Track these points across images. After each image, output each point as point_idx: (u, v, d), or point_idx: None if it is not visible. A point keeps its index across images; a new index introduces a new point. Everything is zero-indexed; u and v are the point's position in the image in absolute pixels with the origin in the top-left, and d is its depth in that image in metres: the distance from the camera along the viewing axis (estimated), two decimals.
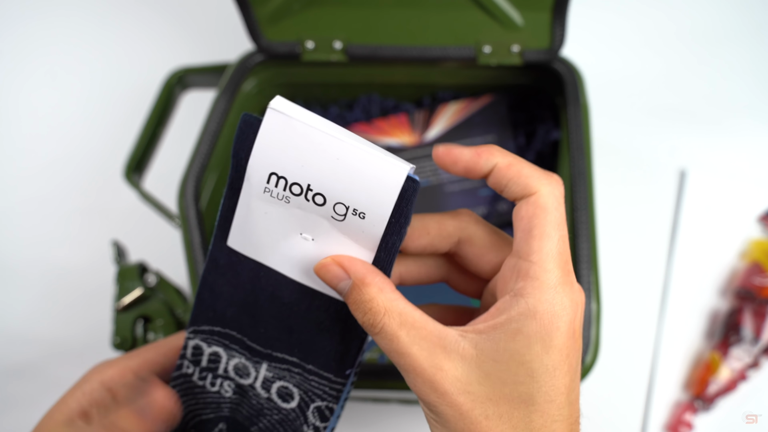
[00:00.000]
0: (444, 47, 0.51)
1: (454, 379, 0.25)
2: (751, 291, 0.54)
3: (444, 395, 0.25)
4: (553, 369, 0.25)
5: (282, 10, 0.50)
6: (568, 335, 0.26)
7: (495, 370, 0.25)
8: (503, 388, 0.25)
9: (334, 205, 0.26)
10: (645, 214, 0.60)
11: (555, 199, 0.27)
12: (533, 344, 0.25)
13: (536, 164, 0.55)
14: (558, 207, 0.27)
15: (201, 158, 0.48)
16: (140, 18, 0.71)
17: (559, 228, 0.26)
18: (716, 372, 0.52)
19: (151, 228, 0.58)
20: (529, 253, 0.26)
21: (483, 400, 0.25)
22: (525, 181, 0.27)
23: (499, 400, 0.25)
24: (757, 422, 0.52)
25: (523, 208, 0.27)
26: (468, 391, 0.25)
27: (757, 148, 0.62)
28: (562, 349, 0.26)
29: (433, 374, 0.25)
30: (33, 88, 0.69)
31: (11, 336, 0.59)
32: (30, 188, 0.64)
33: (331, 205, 0.26)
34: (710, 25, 0.69)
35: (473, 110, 0.57)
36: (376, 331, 0.26)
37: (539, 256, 0.26)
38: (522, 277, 0.26)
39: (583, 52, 0.56)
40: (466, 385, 0.25)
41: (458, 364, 0.25)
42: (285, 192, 0.27)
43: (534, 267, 0.26)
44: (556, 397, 0.25)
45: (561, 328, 0.25)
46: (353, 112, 0.58)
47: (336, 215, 0.27)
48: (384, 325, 0.26)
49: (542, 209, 0.26)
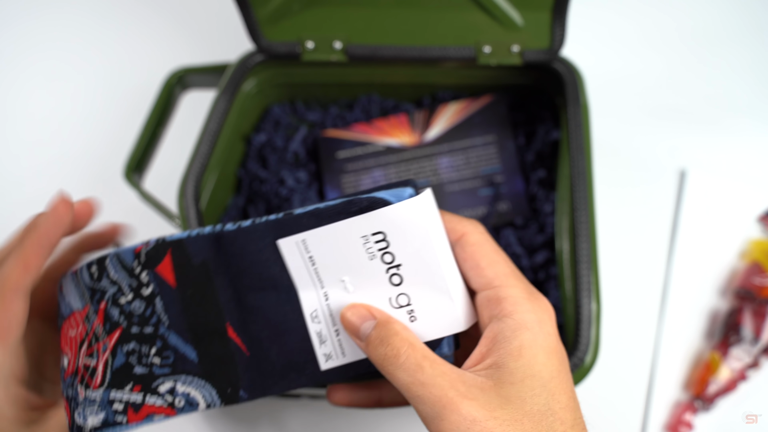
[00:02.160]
0: (444, 47, 0.51)
1: (480, 407, 0.26)
2: (751, 291, 0.54)
3: (475, 422, 0.25)
4: (558, 373, 0.27)
5: (282, 10, 0.50)
6: (556, 338, 0.28)
7: (513, 392, 0.26)
8: (524, 406, 0.26)
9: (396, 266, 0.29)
10: (645, 214, 0.60)
11: (481, 234, 0.30)
12: (537, 354, 0.27)
13: (536, 164, 0.55)
14: (487, 239, 0.30)
15: (201, 158, 0.48)
16: (140, 18, 0.71)
17: (498, 253, 0.30)
18: (716, 372, 0.52)
19: (151, 228, 0.58)
20: (489, 282, 0.29)
21: (509, 422, 0.26)
22: (450, 227, 0.30)
23: (522, 418, 0.26)
24: (757, 422, 0.52)
25: (460, 251, 0.30)
26: (495, 417, 0.26)
27: (757, 148, 0.62)
28: (558, 351, 0.27)
29: (460, 402, 0.26)
30: (33, 89, 0.69)
31: None
32: (30, 188, 0.64)
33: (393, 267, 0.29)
34: (710, 25, 0.69)
35: (473, 110, 0.57)
36: (399, 361, 0.27)
37: (499, 279, 0.29)
38: (495, 302, 0.28)
39: (583, 53, 0.56)
40: (491, 412, 0.26)
41: (479, 394, 0.26)
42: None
43: (500, 289, 0.28)
44: (568, 402, 0.27)
45: (550, 332, 0.27)
46: (353, 112, 0.59)
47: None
48: (408, 356, 0.27)
49: (477, 244, 0.29)
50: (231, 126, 0.53)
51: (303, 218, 0.29)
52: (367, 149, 0.57)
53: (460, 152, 0.56)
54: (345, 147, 0.57)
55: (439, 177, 0.56)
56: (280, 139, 0.58)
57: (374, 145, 0.57)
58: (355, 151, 0.57)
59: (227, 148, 0.54)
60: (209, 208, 0.52)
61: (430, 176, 0.56)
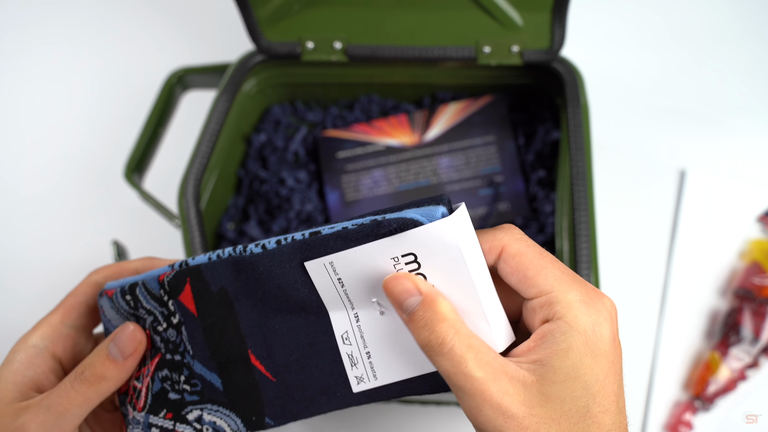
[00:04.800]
0: (444, 47, 0.51)
1: (519, 403, 0.26)
2: (751, 291, 0.54)
3: (512, 418, 0.25)
4: (604, 378, 0.26)
5: (282, 10, 0.50)
6: (611, 342, 0.27)
7: (554, 391, 0.26)
8: (563, 406, 0.26)
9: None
10: (645, 214, 0.60)
11: (519, 240, 0.28)
12: (583, 357, 0.26)
13: (536, 164, 0.55)
14: (528, 244, 0.28)
15: (201, 158, 0.48)
16: (140, 18, 0.71)
17: (544, 257, 0.28)
18: (716, 372, 0.52)
19: (151, 228, 0.58)
20: (541, 290, 0.27)
21: (546, 421, 0.26)
22: (487, 246, 0.28)
23: (560, 418, 0.26)
24: (757, 422, 0.52)
25: (504, 266, 0.28)
26: (533, 414, 0.26)
27: (757, 148, 0.62)
28: (608, 356, 0.27)
29: (501, 398, 0.25)
30: (33, 89, 0.69)
31: (11, 335, 0.59)
32: (30, 188, 0.64)
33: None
34: (710, 26, 0.69)
35: (473, 110, 0.57)
36: (444, 350, 0.26)
37: (550, 285, 0.27)
38: (547, 306, 0.27)
39: (582, 54, 0.56)
40: (530, 409, 0.26)
41: (521, 390, 0.26)
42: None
43: (553, 295, 0.27)
44: (609, 406, 0.26)
45: (604, 335, 0.27)
46: (353, 112, 0.59)
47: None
48: (453, 346, 0.26)
49: (520, 255, 0.28)
50: (231, 126, 0.53)
51: (330, 240, 0.28)
52: (367, 149, 0.57)
53: (460, 152, 0.56)
54: (345, 147, 0.57)
55: (439, 177, 0.56)
56: (280, 139, 0.58)
57: (374, 145, 0.57)
58: (355, 151, 0.57)
59: (227, 148, 0.54)
60: (209, 208, 0.52)
61: (430, 176, 0.56)
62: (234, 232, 0.55)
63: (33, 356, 0.33)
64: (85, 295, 0.35)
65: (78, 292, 0.35)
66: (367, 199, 0.56)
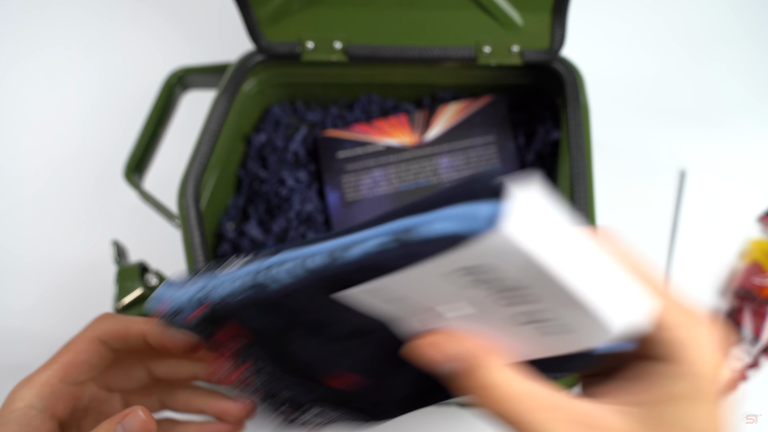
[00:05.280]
0: (444, 47, 0.51)
1: None
2: (751, 291, 0.54)
3: None
4: (714, 429, 0.22)
5: (282, 10, 0.50)
6: (719, 382, 0.23)
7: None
8: None
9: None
10: (645, 214, 0.60)
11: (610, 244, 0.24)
12: (696, 406, 0.22)
13: (536, 164, 0.55)
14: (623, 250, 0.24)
15: (201, 158, 0.48)
16: (140, 18, 0.71)
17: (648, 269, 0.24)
18: None
19: (151, 228, 0.58)
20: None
21: None
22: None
23: None
24: (757, 422, 0.52)
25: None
26: None
27: (757, 148, 0.62)
28: (717, 399, 0.23)
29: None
30: (33, 89, 0.69)
31: (11, 335, 0.59)
32: (30, 188, 0.64)
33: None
34: (710, 26, 0.69)
35: (473, 110, 0.57)
36: (512, 420, 0.22)
37: (670, 315, 0.23)
38: (661, 343, 0.23)
39: (582, 54, 0.56)
40: None
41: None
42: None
43: (676, 331, 0.23)
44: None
45: (718, 377, 0.23)
46: (353, 112, 0.59)
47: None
48: (521, 413, 0.22)
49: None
50: (231, 126, 0.53)
51: (353, 272, 0.22)
52: (367, 149, 0.57)
53: (460, 152, 0.56)
54: (345, 147, 0.57)
55: (439, 177, 0.56)
56: (280, 139, 0.58)
57: (374, 145, 0.57)
58: (355, 151, 0.57)
59: (227, 148, 0.54)
60: (209, 208, 0.52)
61: (430, 176, 0.56)
62: (234, 232, 0.55)
63: (31, 418, 0.31)
64: (87, 353, 0.33)
65: (78, 348, 0.33)
66: (367, 199, 0.56)
